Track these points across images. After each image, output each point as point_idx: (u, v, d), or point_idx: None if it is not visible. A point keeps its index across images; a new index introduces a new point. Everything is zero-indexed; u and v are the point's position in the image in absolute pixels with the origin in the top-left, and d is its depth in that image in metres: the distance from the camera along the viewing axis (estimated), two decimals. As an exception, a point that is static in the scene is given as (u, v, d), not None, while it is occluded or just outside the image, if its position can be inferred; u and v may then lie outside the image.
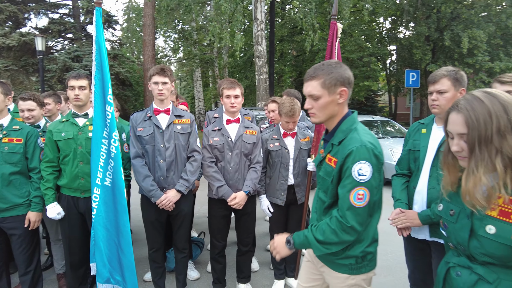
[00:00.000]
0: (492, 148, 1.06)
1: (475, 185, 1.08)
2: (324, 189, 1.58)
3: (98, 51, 2.11)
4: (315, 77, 1.47)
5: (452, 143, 1.18)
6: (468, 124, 1.10)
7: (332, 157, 1.52)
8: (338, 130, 1.53)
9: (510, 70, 12.77)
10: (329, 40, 2.73)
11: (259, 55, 11.10)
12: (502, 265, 1.11)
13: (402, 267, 3.51)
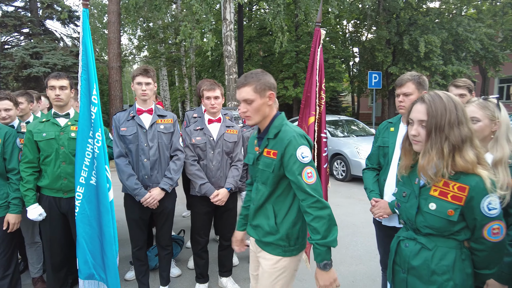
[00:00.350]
0: (443, 135, 1.33)
1: (428, 162, 1.35)
2: (263, 181, 1.76)
3: (85, 52, 2.13)
4: (247, 84, 1.68)
5: (411, 129, 1.42)
6: (428, 113, 1.36)
7: (270, 150, 1.72)
8: (271, 127, 1.74)
9: (461, 73, 13.83)
10: (312, 46, 2.91)
11: (228, 55, 11.19)
12: (439, 235, 1.39)
13: (372, 255, 3.81)
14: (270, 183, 1.73)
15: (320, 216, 1.59)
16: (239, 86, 1.70)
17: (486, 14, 14.94)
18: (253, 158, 1.84)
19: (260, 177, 1.79)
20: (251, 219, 1.87)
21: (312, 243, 1.62)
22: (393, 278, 1.56)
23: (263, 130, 1.79)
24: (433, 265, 1.38)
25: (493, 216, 1.30)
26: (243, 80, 1.70)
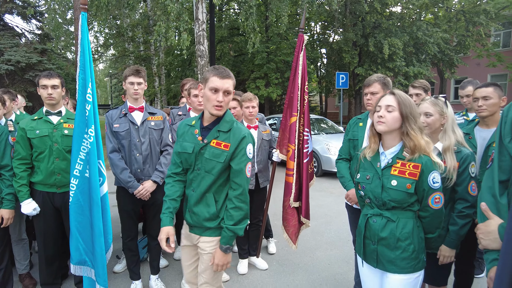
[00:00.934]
0: (412, 120, 1.69)
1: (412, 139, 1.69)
2: (207, 170, 1.88)
3: (82, 53, 2.26)
4: (231, 78, 1.86)
5: (378, 113, 1.75)
6: (399, 102, 1.71)
7: (221, 142, 1.87)
8: (223, 121, 1.90)
9: (421, 74, 14.79)
10: (296, 51, 3.18)
11: (201, 54, 11.30)
12: (400, 208, 1.72)
13: (344, 241, 4.17)
14: (215, 172, 1.87)
15: (240, 207, 1.87)
16: (224, 77, 1.82)
17: (442, 20, 16.07)
18: (193, 147, 1.91)
19: (204, 166, 1.89)
20: (191, 206, 1.94)
21: (223, 226, 1.87)
22: (364, 250, 1.86)
23: (212, 122, 1.91)
24: (398, 234, 1.71)
25: (436, 188, 1.66)
26: (228, 73, 1.85)
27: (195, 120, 1.98)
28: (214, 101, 1.82)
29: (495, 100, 2.34)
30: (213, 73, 1.82)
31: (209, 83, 1.82)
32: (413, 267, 1.71)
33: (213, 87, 1.81)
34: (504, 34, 20.85)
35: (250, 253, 3.55)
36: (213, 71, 1.84)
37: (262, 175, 3.42)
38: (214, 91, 1.82)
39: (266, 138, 3.47)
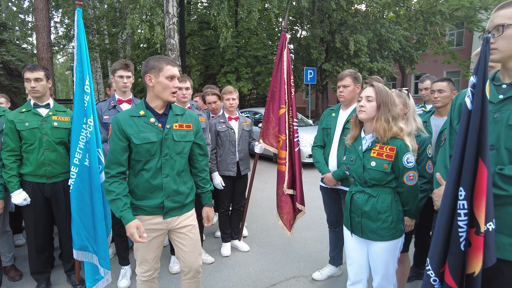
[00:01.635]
0: (387, 109, 1.96)
1: (380, 125, 1.96)
2: (178, 151, 2.04)
3: (79, 47, 2.36)
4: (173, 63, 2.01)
5: (360, 103, 2.03)
6: (376, 93, 1.98)
7: (183, 123, 2.06)
8: (172, 105, 2.08)
9: (384, 70, 15.56)
10: (278, 49, 3.41)
11: (171, 48, 11.25)
12: (379, 185, 2.02)
13: (317, 224, 4.51)
14: (187, 151, 2.09)
15: (208, 171, 2.30)
16: (175, 64, 2.01)
17: (403, 19, 16.93)
18: (155, 135, 1.97)
19: (173, 150, 2.02)
20: (171, 190, 2.03)
21: (206, 190, 2.27)
22: (350, 222, 2.14)
23: (164, 110, 2.04)
24: (378, 207, 2.00)
25: (410, 167, 1.96)
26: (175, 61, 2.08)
27: (142, 110, 1.99)
28: (171, 88, 1.96)
29: (448, 93, 2.72)
30: (165, 62, 1.95)
31: (165, 72, 1.93)
32: (392, 235, 2.01)
33: (170, 75, 1.95)
34: (457, 33, 22.37)
35: (233, 236, 3.78)
36: (163, 60, 1.96)
37: (243, 163, 3.64)
38: (171, 78, 1.96)
39: (246, 128, 3.70)
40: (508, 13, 1.38)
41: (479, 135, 1.26)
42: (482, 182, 1.23)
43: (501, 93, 1.46)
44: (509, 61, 1.43)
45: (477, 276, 1.24)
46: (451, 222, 1.30)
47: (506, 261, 1.36)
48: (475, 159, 1.26)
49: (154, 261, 2.17)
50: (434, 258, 1.35)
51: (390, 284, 2.11)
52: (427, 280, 1.38)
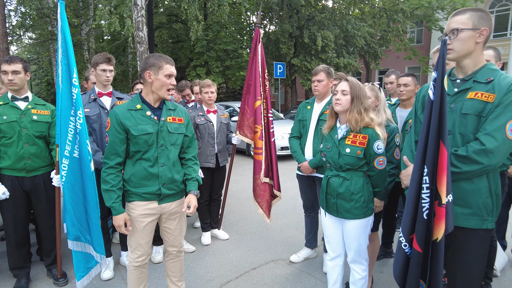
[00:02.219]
0: (359, 101, 2.16)
1: (353, 116, 2.15)
2: (172, 142, 2.20)
3: (64, 39, 2.36)
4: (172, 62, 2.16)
5: (336, 96, 2.21)
6: (351, 87, 2.17)
7: (175, 117, 2.22)
8: (166, 102, 2.24)
9: (350, 65, 16.15)
10: (253, 43, 3.53)
11: (140, 41, 11.01)
12: (353, 169, 2.22)
13: (292, 212, 4.74)
14: (180, 142, 2.25)
15: (197, 162, 2.40)
16: (173, 63, 2.15)
17: (368, 16, 17.61)
18: (152, 127, 2.12)
19: (168, 141, 2.18)
20: (167, 178, 2.18)
21: (192, 177, 2.31)
22: (326, 204, 2.34)
23: (159, 104, 2.19)
24: (351, 189, 2.20)
25: (380, 153, 2.18)
26: (170, 59, 2.15)
27: (139, 104, 2.14)
28: (168, 85, 2.12)
29: (412, 87, 2.99)
30: (164, 61, 2.10)
31: (164, 71, 2.09)
32: (364, 213, 2.24)
33: (168, 74, 2.11)
34: (417, 31, 23.59)
35: (212, 226, 3.91)
36: (163, 59, 2.11)
37: (221, 155, 3.76)
38: (169, 76, 2.12)
39: (224, 121, 3.81)
40: (462, 19, 1.62)
41: (439, 122, 1.48)
42: (443, 161, 1.46)
43: (456, 87, 1.69)
44: (462, 60, 1.67)
45: (440, 241, 1.47)
46: (418, 195, 1.52)
47: (459, 228, 1.61)
48: (437, 142, 1.48)
49: (148, 246, 2.29)
50: (404, 226, 1.57)
51: (363, 259, 2.35)
52: (399, 245, 1.61)
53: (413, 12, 16.73)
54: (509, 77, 1.57)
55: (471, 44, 1.62)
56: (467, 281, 1.66)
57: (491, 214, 1.63)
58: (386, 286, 2.89)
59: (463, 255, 1.64)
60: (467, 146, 1.57)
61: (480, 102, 1.58)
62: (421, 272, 1.56)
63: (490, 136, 1.51)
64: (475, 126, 1.59)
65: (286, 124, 9.68)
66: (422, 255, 1.53)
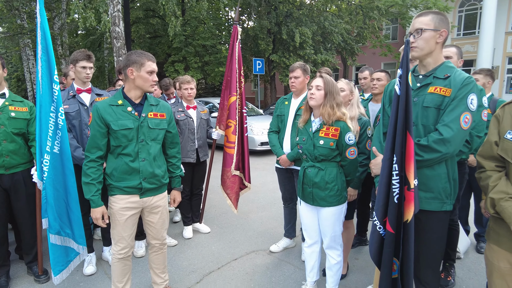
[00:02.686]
0: (332, 97, 2.28)
1: (325, 110, 2.28)
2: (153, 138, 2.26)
3: (43, 35, 2.35)
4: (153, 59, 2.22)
5: (310, 91, 2.33)
6: (325, 83, 2.29)
7: (157, 113, 2.28)
8: (148, 97, 2.30)
9: (328, 61, 16.43)
10: (231, 41, 3.60)
11: (117, 36, 10.82)
12: (327, 160, 2.36)
13: (271, 205, 4.87)
14: (160, 138, 2.32)
15: (180, 158, 2.53)
16: (154, 60, 2.21)
17: (344, 13, 17.96)
18: (132, 122, 2.17)
19: (148, 136, 2.23)
20: (148, 173, 2.24)
21: (177, 175, 2.51)
22: (303, 193, 2.47)
23: (140, 100, 2.24)
24: (326, 178, 2.34)
25: (351, 144, 2.32)
26: (151, 56, 2.20)
27: (120, 100, 2.19)
28: (151, 81, 2.19)
29: (385, 82, 3.15)
30: (146, 58, 2.16)
31: (146, 67, 2.15)
32: (338, 201, 2.38)
33: (150, 70, 2.17)
34: (392, 28, 24.21)
35: (193, 220, 3.98)
36: (145, 56, 2.16)
37: (202, 150, 3.83)
38: (151, 73, 2.18)
39: (204, 117, 3.88)
40: (425, 20, 1.77)
41: (406, 114, 1.62)
42: (410, 150, 1.60)
43: (419, 82, 1.85)
44: (425, 58, 1.82)
45: (410, 222, 1.63)
46: (389, 182, 1.66)
47: (422, 211, 1.77)
48: (404, 133, 1.62)
49: (130, 239, 2.34)
50: (378, 210, 1.72)
51: (337, 244, 2.49)
52: (374, 228, 1.76)
53: (388, 9, 17.18)
54: (463, 74, 1.73)
55: (432, 43, 1.77)
56: (430, 257, 1.85)
57: (450, 197, 1.80)
58: (361, 271, 3.07)
59: (426, 235, 1.81)
60: (428, 136, 1.73)
61: (439, 96, 1.73)
62: (394, 251, 1.71)
63: (447, 126, 1.67)
64: (435, 117, 1.74)
65: (265, 120, 9.79)
66: (395, 236, 1.68)
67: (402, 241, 1.70)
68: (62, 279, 2.62)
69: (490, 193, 1.59)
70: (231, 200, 3.68)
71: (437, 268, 1.89)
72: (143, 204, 2.32)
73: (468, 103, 1.67)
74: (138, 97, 2.25)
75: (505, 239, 1.58)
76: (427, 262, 1.85)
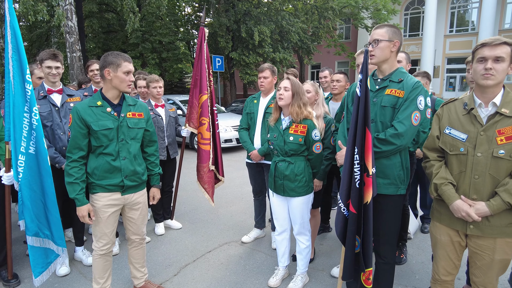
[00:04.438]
0: (299, 97, 2.51)
1: (293, 110, 2.50)
2: (132, 137, 2.34)
3: (14, 34, 2.30)
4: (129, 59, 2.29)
5: (279, 92, 2.55)
6: (292, 84, 2.51)
7: (135, 112, 2.35)
8: (126, 97, 2.37)
9: (286, 60, 16.89)
10: (198, 41, 3.70)
11: (70, 31, 10.35)
12: (296, 154, 2.59)
13: (239, 199, 5.08)
14: (140, 137, 2.40)
15: (158, 157, 2.63)
16: (131, 61, 2.28)
17: (301, 12, 18.54)
18: (112, 122, 2.24)
19: (128, 135, 2.31)
20: (129, 171, 2.33)
21: (155, 173, 2.59)
22: (274, 185, 2.68)
23: (119, 100, 2.31)
24: (295, 171, 2.57)
25: (317, 139, 2.57)
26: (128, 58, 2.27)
27: (99, 101, 2.25)
28: (128, 81, 2.25)
29: (343, 83, 3.46)
30: (122, 59, 2.23)
31: (123, 68, 2.21)
32: (306, 191, 2.62)
33: (127, 70, 2.23)
34: (345, 28, 25.40)
35: (165, 216, 4.06)
36: (121, 57, 2.23)
37: (172, 148, 3.92)
38: (127, 73, 2.24)
39: (172, 115, 3.96)
40: (381, 32, 2.06)
41: (365, 113, 1.89)
42: (369, 143, 1.87)
43: (377, 85, 2.14)
44: (382, 65, 2.11)
45: (369, 204, 1.91)
46: (351, 170, 1.93)
47: (380, 195, 2.06)
48: (363, 128, 1.89)
49: (112, 235, 2.41)
50: (342, 194, 1.98)
51: (306, 230, 2.75)
52: (339, 210, 2.02)
53: (341, 10, 18.02)
54: (414, 79, 2.05)
55: (387, 52, 2.06)
56: (388, 234, 2.16)
57: (403, 183, 2.12)
58: (327, 255, 3.37)
59: (384, 215, 2.12)
60: (385, 131, 2.02)
61: (394, 97, 2.03)
62: (356, 229, 1.99)
63: (401, 123, 1.97)
64: (391, 115, 2.04)
65: (227, 118, 9.94)
66: (357, 216, 1.96)
67: (363, 220, 1.97)
68: (42, 281, 2.62)
69: (433, 179, 1.92)
70: (209, 194, 3.82)
71: (394, 243, 2.21)
72: (125, 201, 2.40)
73: (417, 103, 1.99)
74: (116, 97, 2.32)
75: (445, 217, 1.93)
76: (385, 239, 2.16)
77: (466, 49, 22.37)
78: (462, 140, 1.82)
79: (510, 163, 1.72)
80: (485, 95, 1.79)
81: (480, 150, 1.76)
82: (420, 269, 3.10)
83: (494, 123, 1.75)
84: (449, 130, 1.89)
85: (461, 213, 1.79)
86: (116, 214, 2.41)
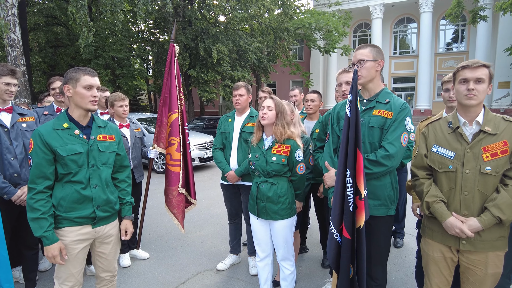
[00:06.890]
0: (282, 117, 2.45)
1: (277, 129, 2.44)
2: (103, 162, 2.09)
3: None
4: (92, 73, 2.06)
5: (262, 111, 2.47)
6: (275, 104, 2.46)
7: (106, 135, 2.12)
8: (96, 118, 2.14)
9: (244, 78, 17.03)
10: (168, 58, 3.51)
11: (12, 44, 9.54)
12: (279, 175, 2.50)
13: (209, 223, 4.89)
14: (111, 162, 2.15)
15: (130, 183, 2.34)
16: (94, 74, 2.04)
17: (257, 32, 18.93)
18: (81, 146, 2.01)
19: (99, 160, 2.06)
20: (102, 200, 2.07)
21: (127, 201, 2.27)
22: (257, 208, 2.55)
23: (88, 122, 2.08)
24: (278, 192, 2.47)
25: (300, 160, 2.50)
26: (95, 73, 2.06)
27: (66, 123, 2.00)
28: (90, 97, 1.99)
29: (317, 102, 3.47)
30: (82, 73, 2.00)
31: (82, 82, 1.97)
32: (289, 214, 2.52)
33: (87, 85, 1.98)
34: (299, 48, 26.44)
35: (130, 246, 3.72)
36: (81, 70, 2.01)
37: (137, 171, 3.64)
38: (88, 88, 1.99)
39: (138, 136, 3.71)
40: (365, 52, 2.07)
41: (356, 133, 1.85)
42: (360, 164, 1.83)
43: (363, 105, 2.13)
44: (367, 84, 2.12)
45: (362, 228, 1.84)
46: (343, 193, 1.86)
47: (371, 216, 2.03)
48: (354, 150, 1.85)
49: (80, 275, 2.10)
50: (334, 219, 1.90)
51: (290, 255, 2.64)
52: (331, 236, 1.93)
53: (295, 31, 18.70)
54: (400, 100, 2.08)
55: (373, 72, 2.07)
56: (379, 256, 2.13)
57: (393, 203, 2.11)
58: (307, 278, 3.27)
59: (375, 237, 2.08)
60: (375, 152, 2.00)
61: (382, 118, 2.03)
62: (350, 257, 1.91)
63: (391, 144, 1.97)
64: (380, 136, 2.04)
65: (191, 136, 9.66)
66: (351, 241, 1.88)
67: (356, 245, 1.91)
68: None
69: (425, 198, 1.93)
70: (178, 219, 3.56)
71: (385, 264, 2.18)
72: (96, 234, 2.12)
73: (405, 125, 2.01)
74: (84, 117, 2.07)
75: (438, 234, 1.93)
76: (376, 260, 2.12)
77: (409, 70, 24.34)
78: (450, 158, 1.86)
79: (496, 179, 1.79)
80: (468, 114, 1.85)
81: (468, 167, 1.81)
82: (400, 285, 3.11)
83: (479, 140, 1.81)
84: (437, 148, 1.92)
85: (454, 230, 1.80)
86: (85, 251, 2.10)
